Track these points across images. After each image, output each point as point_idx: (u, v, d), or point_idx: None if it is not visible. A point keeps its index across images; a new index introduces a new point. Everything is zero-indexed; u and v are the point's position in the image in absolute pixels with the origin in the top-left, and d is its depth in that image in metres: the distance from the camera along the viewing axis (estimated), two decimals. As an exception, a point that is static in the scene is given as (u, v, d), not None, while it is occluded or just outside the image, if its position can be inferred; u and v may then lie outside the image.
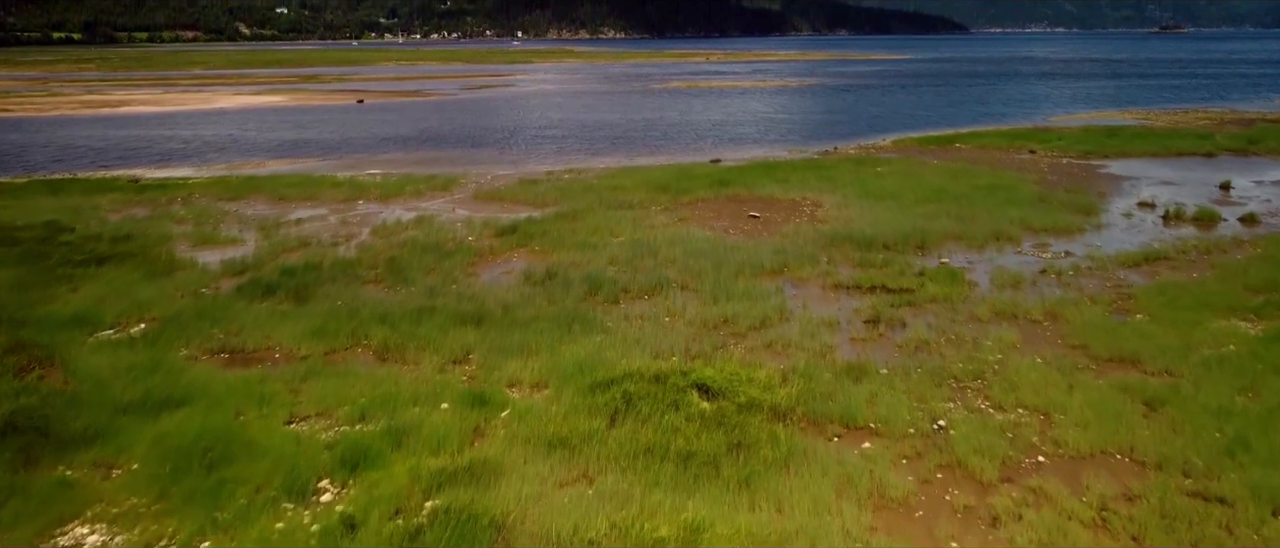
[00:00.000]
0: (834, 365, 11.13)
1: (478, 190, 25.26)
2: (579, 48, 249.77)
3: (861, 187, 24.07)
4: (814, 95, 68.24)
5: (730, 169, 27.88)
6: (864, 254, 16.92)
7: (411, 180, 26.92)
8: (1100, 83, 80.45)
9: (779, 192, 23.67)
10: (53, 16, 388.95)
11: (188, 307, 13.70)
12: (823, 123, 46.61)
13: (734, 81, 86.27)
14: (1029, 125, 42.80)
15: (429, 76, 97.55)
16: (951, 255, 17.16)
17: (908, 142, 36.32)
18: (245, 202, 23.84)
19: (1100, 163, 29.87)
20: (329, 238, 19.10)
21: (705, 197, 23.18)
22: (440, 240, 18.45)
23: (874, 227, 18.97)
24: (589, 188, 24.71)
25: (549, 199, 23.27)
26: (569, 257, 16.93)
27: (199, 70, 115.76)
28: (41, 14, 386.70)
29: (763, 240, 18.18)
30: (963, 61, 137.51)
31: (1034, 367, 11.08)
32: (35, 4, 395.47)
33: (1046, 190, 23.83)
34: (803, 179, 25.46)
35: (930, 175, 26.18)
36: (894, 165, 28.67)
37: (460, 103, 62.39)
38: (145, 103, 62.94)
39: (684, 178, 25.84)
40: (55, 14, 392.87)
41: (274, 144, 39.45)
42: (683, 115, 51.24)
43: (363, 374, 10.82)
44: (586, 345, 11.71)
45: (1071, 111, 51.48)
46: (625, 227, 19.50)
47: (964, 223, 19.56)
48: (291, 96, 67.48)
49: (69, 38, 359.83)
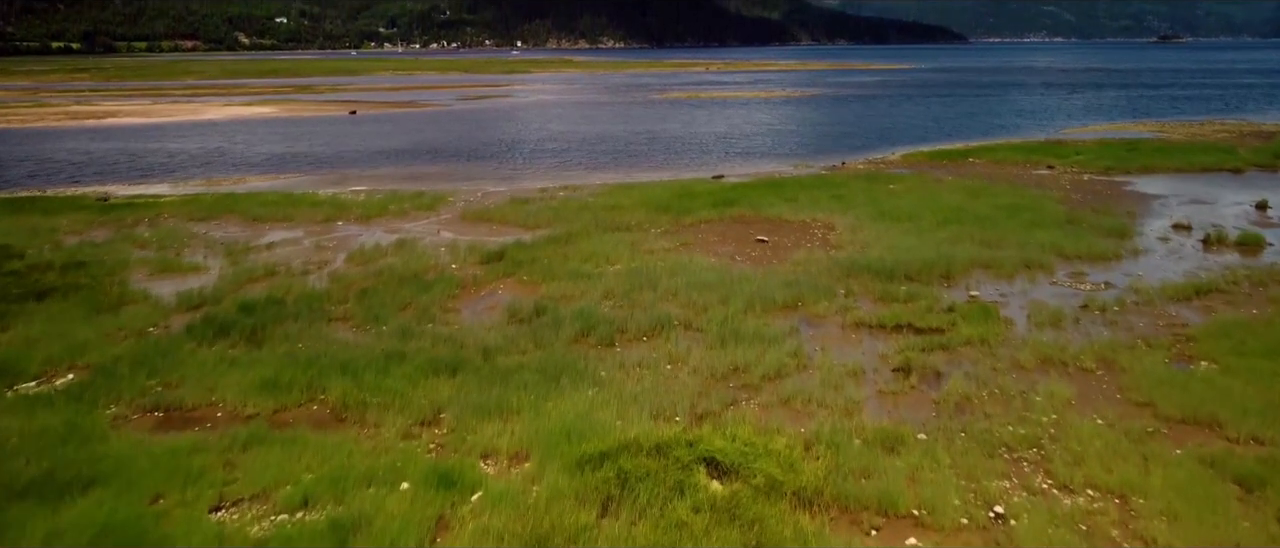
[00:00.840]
0: (864, 430, 9.56)
1: (466, 210, 23.71)
2: (578, 57, 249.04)
3: (875, 206, 22.54)
4: (817, 106, 66.82)
5: (734, 186, 26.35)
6: (885, 286, 15.36)
7: (397, 198, 25.39)
8: (1108, 93, 79.11)
9: (788, 212, 22.13)
10: (52, 26, 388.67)
11: (128, 352, 12.13)
12: (829, 135, 45.13)
13: (735, 92, 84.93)
14: (1042, 138, 41.34)
15: (425, 87, 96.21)
16: (981, 287, 15.60)
17: (919, 156, 34.82)
18: (216, 223, 22.29)
19: (1124, 179, 28.36)
20: (299, 265, 17.54)
21: (708, 218, 21.63)
22: (420, 268, 16.90)
23: (893, 253, 17.43)
24: (584, 207, 23.18)
25: (541, 220, 21.73)
26: (560, 288, 15.37)
27: (193, 80, 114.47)
28: (41, 24, 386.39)
29: (773, 269, 16.62)
30: (965, 71, 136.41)
31: (1097, 431, 9.51)
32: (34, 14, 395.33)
33: (1073, 211, 22.30)
34: (812, 198, 23.94)
35: (947, 194, 24.65)
36: (907, 182, 27.15)
37: (455, 114, 60.96)
38: (133, 114, 61.49)
39: (685, 196, 24.32)
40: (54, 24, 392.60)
41: (260, 158, 37.94)
42: (684, 127, 49.78)
43: (312, 442, 9.23)
44: (576, 403, 10.14)
45: (1084, 123, 50.05)
46: (622, 253, 17.94)
47: (990, 249, 18.02)
48: (283, 108, 66.03)
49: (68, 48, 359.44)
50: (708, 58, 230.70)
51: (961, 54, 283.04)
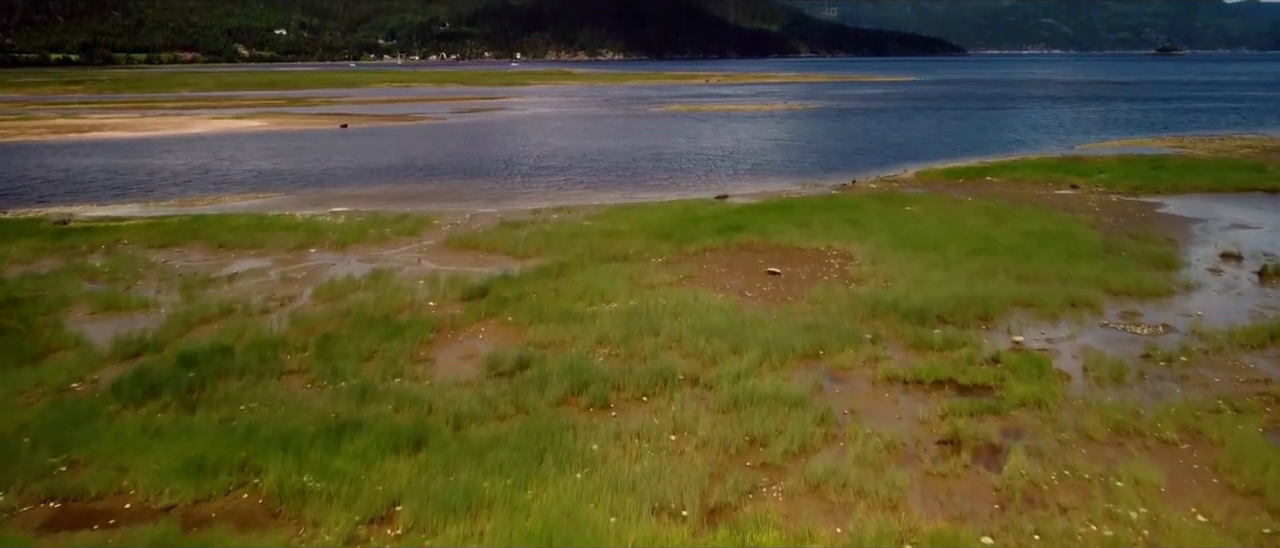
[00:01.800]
0: (916, 533, 7.74)
1: (451, 235, 21.94)
2: (577, 69, 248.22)
3: (894, 232, 20.77)
4: (822, 120, 65.21)
5: (740, 209, 24.58)
6: (917, 330, 13.57)
7: (378, 221, 23.65)
8: (1119, 106, 77.60)
9: (800, 239, 20.35)
10: (51, 38, 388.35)
11: (39, 416, 10.33)
12: (836, 151, 43.44)
13: (737, 105, 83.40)
14: (1059, 155, 39.65)
15: (420, 99, 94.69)
16: (1024, 331, 13.80)
17: (933, 174, 33.09)
18: (179, 250, 20.50)
19: (1155, 201, 26.62)
20: (260, 302, 15.75)
21: (714, 246, 19.85)
22: (393, 307, 15.11)
23: (921, 289, 15.65)
24: (579, 233, 21.40)
25: (532, 248, 19.95)
26: (549, 332, 13.57)
27: (188, 92, 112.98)
28: (39, 36, 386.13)
29: (788, 308, 14.84)
30: (969, 83, 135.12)
31: (1203, 535, 7.70)
32: (33, 26, 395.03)
33: (1109, 238, 20.54)
34: (825, 222, 22.17)
35: (970, 218, 22.90)
36: (925, 204, 25.42)
37: (448, 128, 59.31)
38: (119, 128, 59.82)
39: (688, 220, 22.56)
40: (53, 36, 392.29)
41: (242, 175, 36.21)
42: (685, 143, 48.09)
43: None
44: (561, 492, 8.33)
45: (1099, 138, 48.41)
46: (620, 288, 16.15)
47: (1028, 284, 16.23)
48: (273, 121, 64.39)
49: (66, 59, 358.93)
50: (707, 70, 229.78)
51: (962, 66, 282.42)
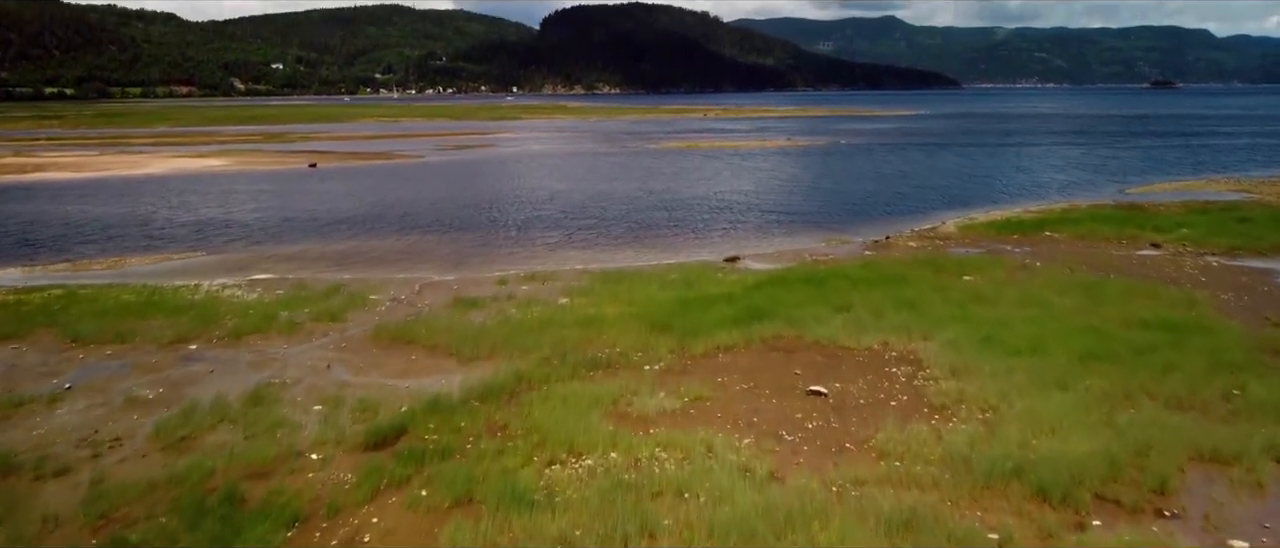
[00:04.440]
0: None
1: (385, 321, 16.82)
2: (572, 103, 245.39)
3: (967, 320, 15.65)
4: (833, 158, 60.50)
5: (759, 282, 19.47)
6: (1060, 516, 8.46)
7: (298, 298, 18.60)
8: (1149, 143, 73.18)
9: (844, 331, 15.22)
10: (47, 72, 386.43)
11: None
12: (856, 196, 38.52)
13: (739, 141, 78.91)
14: (1112, 202, 34.80)
15: (406, 135, 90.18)
16: (1238, 527, 8.66)
17: (978, 226, 28.12)
18: (16, 346, 15.33)
19: (1263, 264, 21.66)
20: (67, 448, 10.57)
21: (730, 343, 14.72)
22: (255, 464, 9.98)
23: (1042, 430, 10.54)
24: (550, 320, 16.30)
25: (484, 344, 14.83)
26: (479, 533, 8.40)
27: (167, 127, 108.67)
28: (35, 70, 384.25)
29: (851, 472, 9.67)
30: (977, 117, 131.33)
31: None
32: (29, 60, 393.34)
33: (1250, 326, 15.51)
34: (870, 302, 17.07)
35: (1054, 295, 17.83)
36: (987, 272, 20.40)
37: (427, 168, 54.53)
38: (68, 168, 54.95)
39: (694, 300, 17.49)
40: (50, 70, 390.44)
41: (175, 226, 31.17)
42: (685, 185, 43.22)
43: None
44: None
45: (1145, 180, 43.65)
46: (597, 428, 10.98)
47: (1190, 415, 11.14)
48: (237, 160, 59.54)
49: (61, 93, 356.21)
50: (705, 104, 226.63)
51: (961, 100, 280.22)
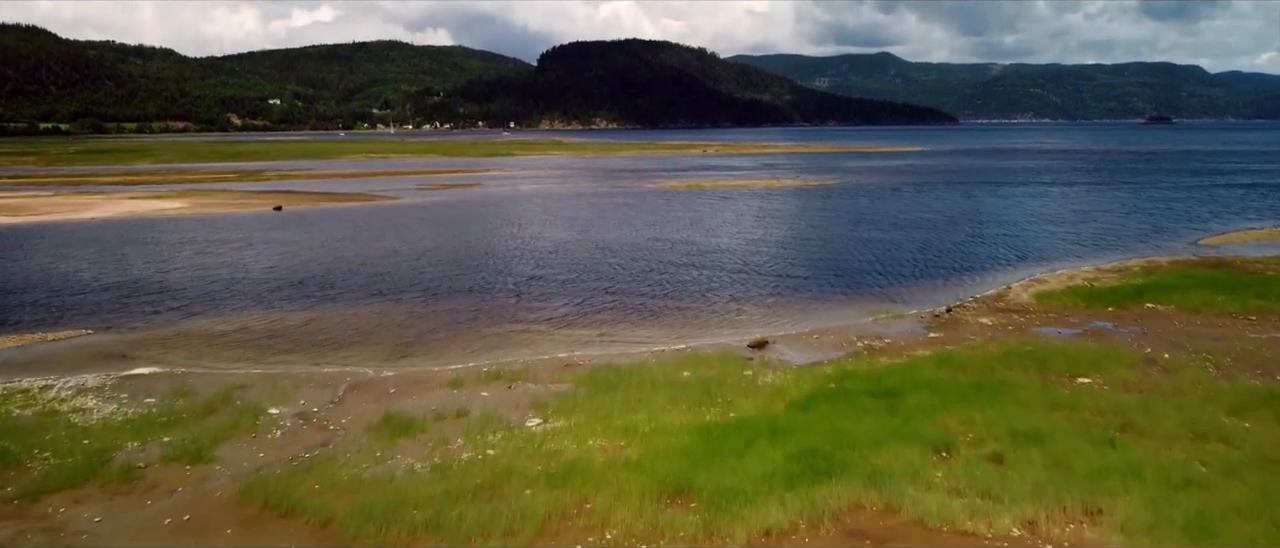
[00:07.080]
0: None
1: (268, 462, 11.35)
2: (569, 138, 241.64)
3: (1133, 471, 10.17)
4: (849, 199, 55.32)
5: (807, 391, 13.97)
6: None
7: (168, 412, 13.24)
8: (1183, 180, 68.19)
9: (955, 497, 9.76)
10: (42, 108, 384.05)
11: None
12: (888, 246, 33.21)
13: (744, 179, 73.98)
14: (1193, 257, 29.59)
15: (391, 173, 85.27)
16: None
17: (1056, 294, 22.78)
18: None
19: None
20: None
21: (784, 526, 9.25)
22: None
23: None
24: (507, 474, 10.81)
25: (400, 527, 9.36)
26: None
27: (146, 164, 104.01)
28: (31, 105, 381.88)
29: None
30: (983, 154, 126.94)
31: None
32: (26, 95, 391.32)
33: None
34: (973, 428, 11.66)
35: (1219, 411, 12.41)
36: (1103, 369, 15.01)
37: (403, 211, 49.33)
38: (3, 212, 49.65)
39: (720, 431, 12.06)
40: (45, 105, 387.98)
41: (85, 290, 25.78)
42: (691, 234, 37.97)
43: None
44: None
45: (1211, 228, 38.52)
46: None
47: None
48: (197, 201, 54.32)
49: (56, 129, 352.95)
50: (704, 139, 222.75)
51: (962, 135, 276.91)
